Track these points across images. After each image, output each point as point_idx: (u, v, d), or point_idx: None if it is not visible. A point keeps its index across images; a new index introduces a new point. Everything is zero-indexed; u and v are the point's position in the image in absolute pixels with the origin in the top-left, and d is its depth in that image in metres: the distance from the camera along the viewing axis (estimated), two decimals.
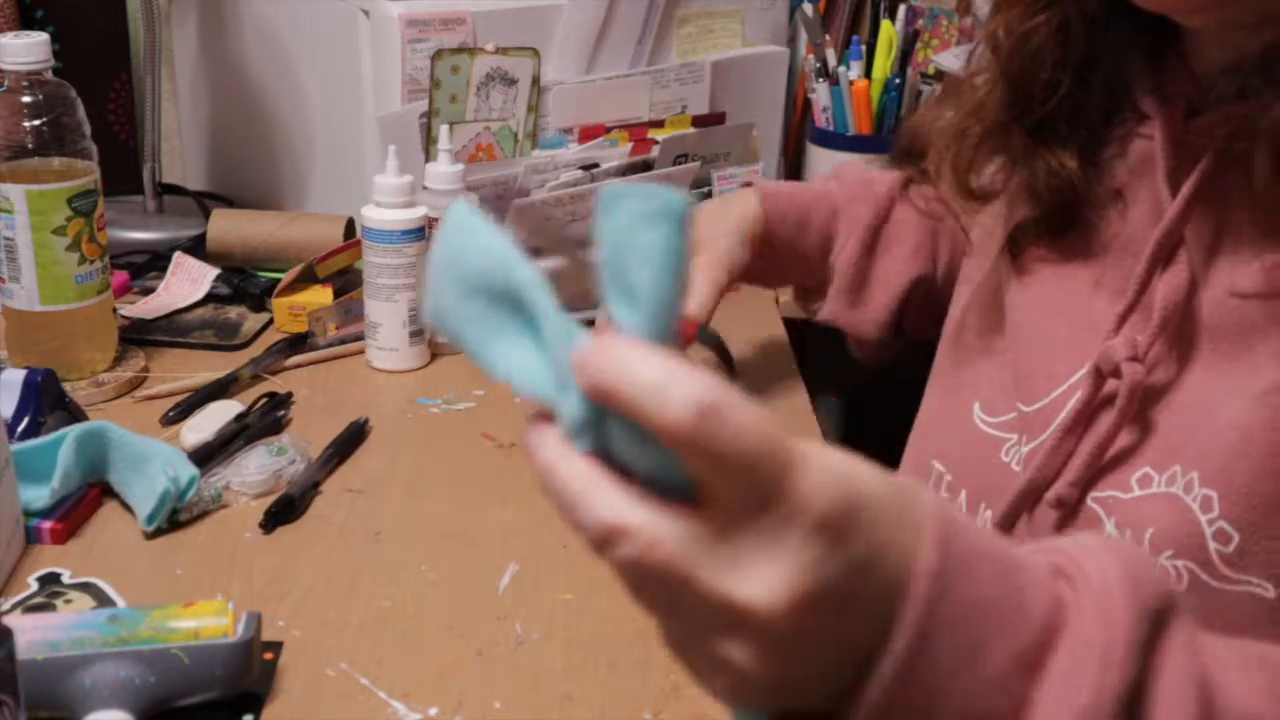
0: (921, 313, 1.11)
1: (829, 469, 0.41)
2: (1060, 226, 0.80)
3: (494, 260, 0.42)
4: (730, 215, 1.09)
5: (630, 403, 0.38)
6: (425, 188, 1.23)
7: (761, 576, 0.40)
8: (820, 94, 1.60)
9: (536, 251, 0.50)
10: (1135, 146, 0.78)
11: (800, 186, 1.16)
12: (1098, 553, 0.46)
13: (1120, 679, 0.43)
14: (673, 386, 0.38)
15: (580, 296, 0.59)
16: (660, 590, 0.41)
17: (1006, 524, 0.77)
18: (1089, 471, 0.73)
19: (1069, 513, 0.74)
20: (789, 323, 1.39)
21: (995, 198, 0.84)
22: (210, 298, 1.33)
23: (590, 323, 0.60)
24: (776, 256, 1.11)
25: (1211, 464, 0.68)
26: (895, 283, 1.10)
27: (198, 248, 1.38)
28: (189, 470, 0.95)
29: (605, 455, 0.41)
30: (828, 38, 1.62)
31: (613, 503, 0.40)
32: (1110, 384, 0.73)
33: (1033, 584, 0.44)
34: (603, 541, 0.40)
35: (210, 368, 1.18)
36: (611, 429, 0.40)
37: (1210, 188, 0.72)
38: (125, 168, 1.56)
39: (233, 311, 1.32)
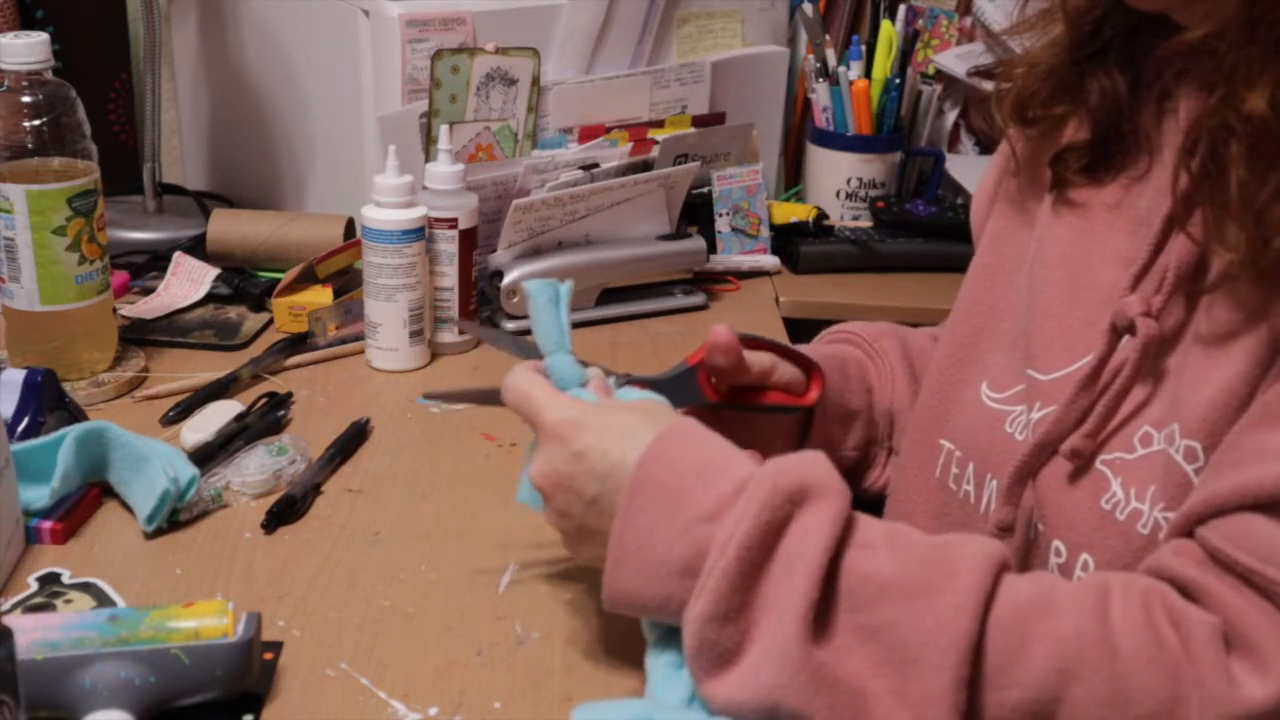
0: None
1: (562, 407, 0.75)
2: (1105, 149, 0.83)
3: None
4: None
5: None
6: (425, 188, 1.23)
7: (535, 464, 0.76)
8: (820, 94, 1.60)
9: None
10: (1167, 107, 0.80)
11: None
12: (796, 456, 0.70)
13: (765, 520, 0.67)
14: (507, 382, 0.79)
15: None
16: None
17: (1014, 488, 0.80)
18: (1104, 424, 0.75)
19: (1082, 466, 0.76)
20: (789, 322, 1.39)
21: (1043, 124, 0.87)
22: (210, 298, 1.33)
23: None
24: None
25: (1196, 415, 0.70)
26: None
27: (198, 248, 1.38)
28: (189, 470, 0.95)
29: None
30: (828, 38, 1.62)
31: None
32: (1125, 342, 0.76)
33: (725, 470, 0.70)
34: None
35: (210, 368, 1.18)
36: None
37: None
38: (125, 168, 1.56)
39: (233, 311, 1.32)
